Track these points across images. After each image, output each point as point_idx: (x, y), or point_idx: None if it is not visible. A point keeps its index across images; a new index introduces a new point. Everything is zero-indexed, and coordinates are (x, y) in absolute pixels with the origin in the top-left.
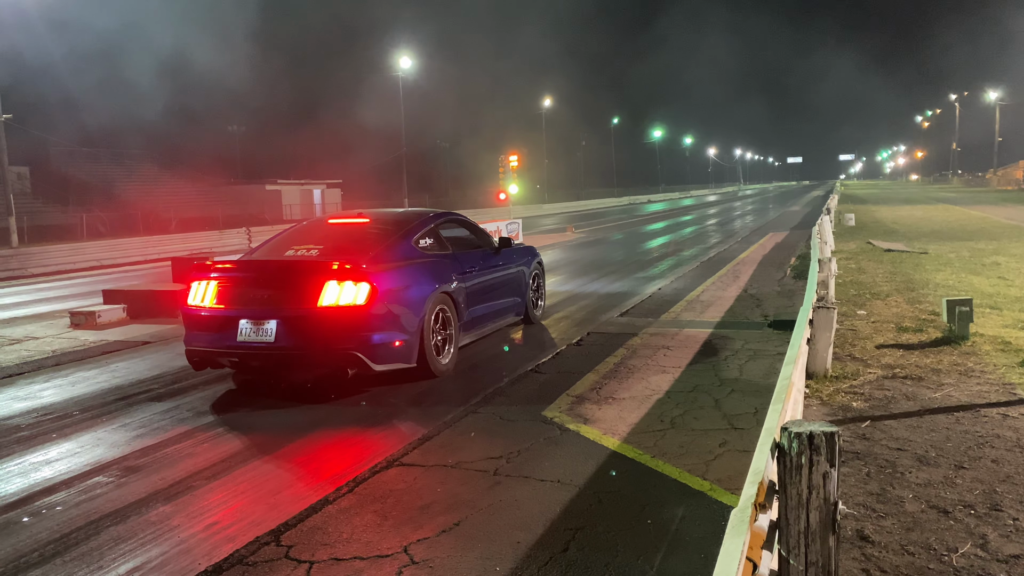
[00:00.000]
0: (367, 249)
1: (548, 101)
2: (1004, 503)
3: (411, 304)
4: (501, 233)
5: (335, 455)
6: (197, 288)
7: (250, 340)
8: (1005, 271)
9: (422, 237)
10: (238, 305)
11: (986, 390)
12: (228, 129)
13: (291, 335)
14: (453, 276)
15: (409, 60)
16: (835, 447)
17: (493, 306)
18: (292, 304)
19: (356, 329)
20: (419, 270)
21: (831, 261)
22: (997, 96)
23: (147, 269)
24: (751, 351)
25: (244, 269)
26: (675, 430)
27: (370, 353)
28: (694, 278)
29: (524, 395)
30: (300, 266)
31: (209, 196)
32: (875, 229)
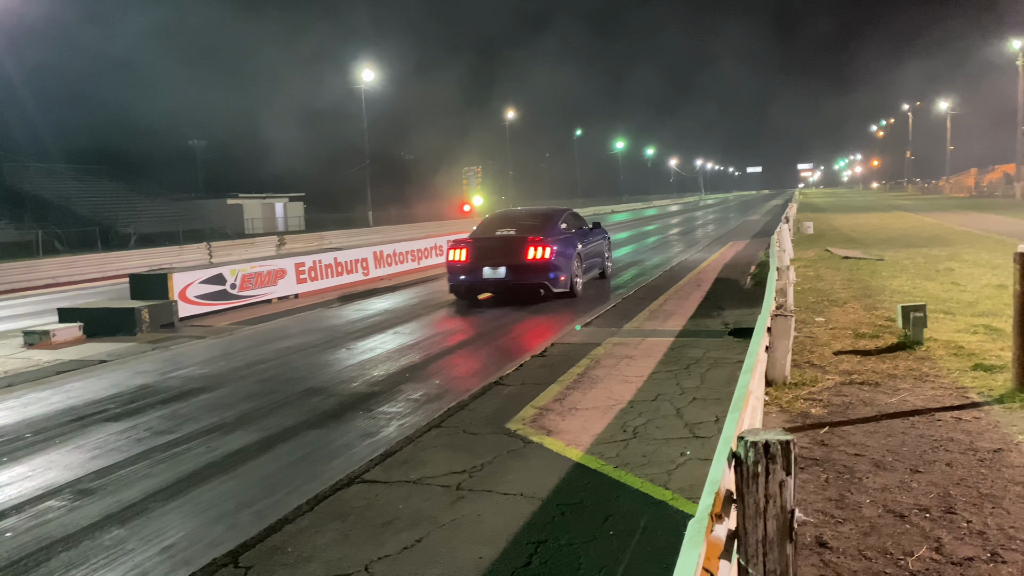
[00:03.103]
0: (541, 229)
1: (512, 113)
2: (958, 506)
3: (567, 259)
4: None
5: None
6: (453, 253)
7: (490, 277)
8: (958, 277)
9: (562, 222)
10: (480, 260)
11: (940, 394)
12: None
13: (513, 274)
14: (579, 244)
15: (371, 73)
16: (791, 455)
17: (592, 262)
18: (513, 258)
19: (544, 271)
20: (567, 240)
21: (789, 269)
22: (948, 106)
23: (105, 286)
24: (712, 359)
25: (482, 242)
26: (638, 440)
27: (551, 284)
28: (657, 287)
29: (488, 408)
30: (514, 239)
31: (169, 211)
32: (833, 237)
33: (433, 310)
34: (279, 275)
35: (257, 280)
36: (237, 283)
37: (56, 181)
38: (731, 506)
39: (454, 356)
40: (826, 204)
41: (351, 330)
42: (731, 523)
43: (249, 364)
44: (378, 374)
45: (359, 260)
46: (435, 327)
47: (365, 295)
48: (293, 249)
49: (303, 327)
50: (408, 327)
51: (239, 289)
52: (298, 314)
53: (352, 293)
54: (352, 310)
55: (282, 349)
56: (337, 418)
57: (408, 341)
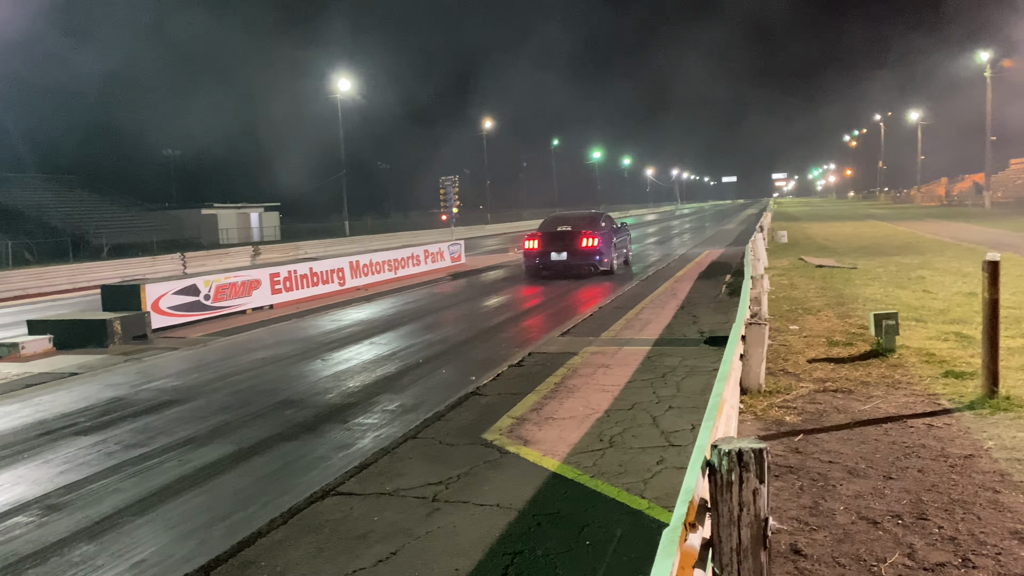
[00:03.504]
0: (589, 226)
1: (489, 123)
2: (930, 512)
3: (607, 247)
4: (443, 254)
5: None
6: (528, 243)
7: (555, 259)
8: (929, 284)
9: (602, 221)
10: (548, 247)
11: (912, 401)
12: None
13: (571, 257)
14: (613, 237)
15: (348, 83)
16: (764, 463)
17: (621, 251)
18: (571, 246)
19: (593, 255)
20: (606, 234)
21: (763, 278)
22: (919, 117)
23: (77, 298)
24: (688, 367)
25: (548, 235)
26: (614, 449)
27: (597, 264)
28: (633, 296)
29: (465, 418)
30: (571, 233)
31: (143, 221)
32: (807, 245)
33: (410, 320)
34: (254, 286)
35: (231, 291)
36: (211, 294)
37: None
38: (705, 515)
39: (432, 366)
40: (800, 213)
41: (326, 341)
42: (706, 532)
43: (223, 376)
44: (353, 385)
45: (335, 270)
46: (412, 338)
47: (341, 306)
48: (268, 259)
49: (278, 338)
50: (384, 338)
51: (213, 300)
52: (273, 325)
53: (328, 304)
54: (327, 321)
55: (256, 360)
56: (312, 430)
57: (384, 352)
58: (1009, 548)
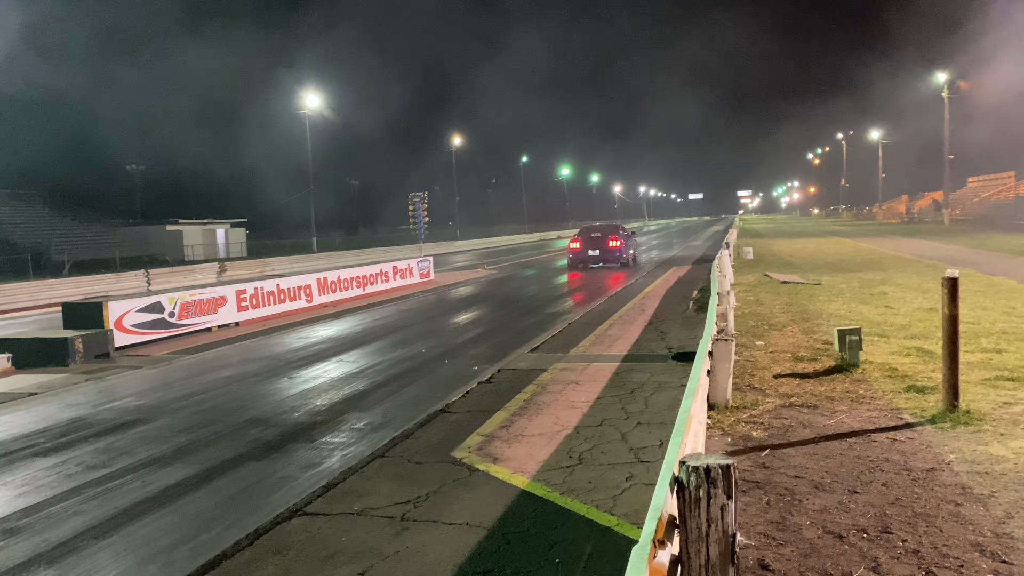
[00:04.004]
0: (612, 233)
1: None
2: (893, 525)
3: (626, 247)
4: (412, 271)
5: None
6: (572, 244)
7: (592, 255)
8: (891, 300)
9: (621, 229)
10: (586, 247)
11: (876, 416)
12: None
13: (603, 254)
14: (628, 240)
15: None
16: (731, 479)
17: (632, 251)
18: (602, 246)
19: (616, 252)
20: (624, 238)
21: (730, 294)
22: (879, 136)
23: (37, 316)
24: (656, 383)
25: (585, 239)
26: (583, 466)
27: (619, 259)
28: (602, 312)
29: (434, 436)
30: (601, 237)
31: (106, 237)
32: (772, 262)
33: (378, 338)
34: (219, 303)
35: (197, 308)
36: (176, 311)
37: None
38: (674, 531)
39: (400, 384)
40: (765, 230)
41: (293, 359)
42: (675, 548)
43: (187, 395)
44: (321, 403)
45: (302, 287)
46: (380, 355)
47: (309, 323)
48: (234, 276)
49: (244, 356)
50: (352, 355)
51: (178, 317)
52: (239, 343)
53: (295, 321)
54: (295, 338)
55: (222, 379)
56: (278, 449)
57: (352, 369)
58: (971, 560)
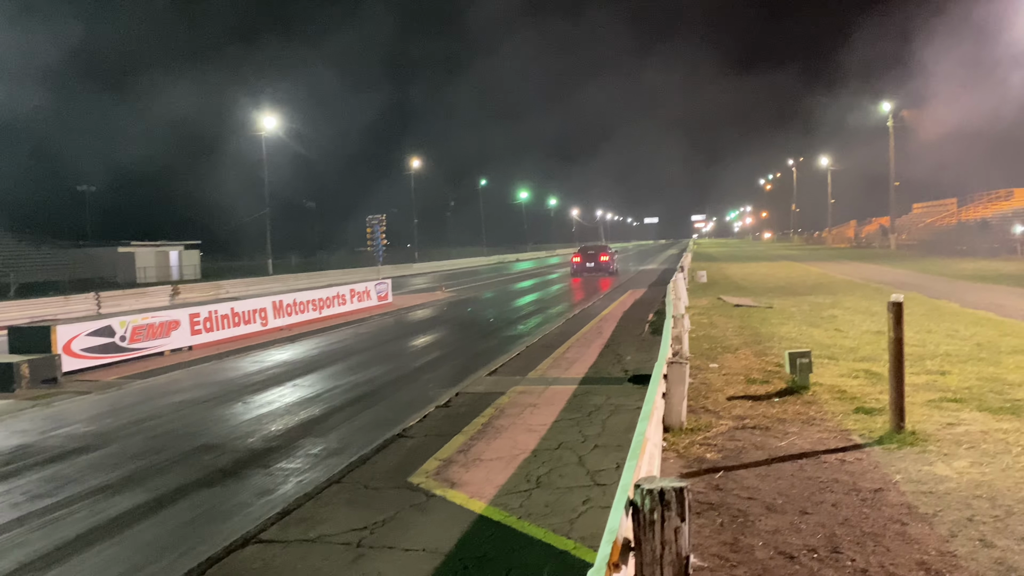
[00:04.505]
0: (603, 251)
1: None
2: (843, 545)
3: (612, 261)
4: (370, 293)
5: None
6: (575, 258)
7: (588, 266)
8: (840, 323)
9: (607, 247)
10: (584, 260)
11: (826, 437)
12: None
13: (596, 265)
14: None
15: (273, 120)
16: (685, 502)
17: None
18: (596, 260)
19: (607, 265)
20: (611, 254)
21: (684, 317)
22: (828, 163)
23: None
24: (613, 406)
25: (584, 254)
26: (541, 489)
27: (609, 270)
28: (560, 335)
29: (391, 461)
30: (596, 253)
31: (55, 259)
32: (725, 285)
33: (335, 361)
34: (172, 326)
35: (149, 332)
36: (127, 335)
37: None
38: (629, 554)
39: (356, 408)
40: (719, 254)
41: (248, 383)
42: (630, 571)
43: (138, 420)
44: (276, 429)
45: (257, 310)
46: (337, 379)
47: (264, 346)
48: (188, 299)
49: (197, 380)
50: (308, 379)
51: (129, 341)
52: (192, 367)
53: (250, 344)
54: (249, 362)
55: (174, 404)
56: (232, 475)
57: (308, 394)
58: None
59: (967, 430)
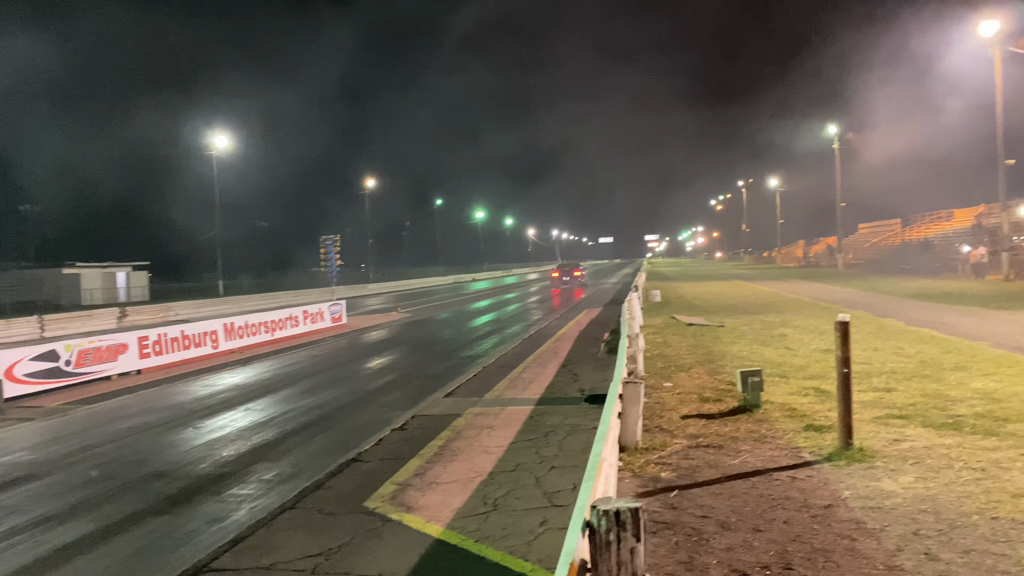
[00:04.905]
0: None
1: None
2: (795, 561)
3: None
4: (324, 315)
5: None
6: (554, 273)
7: (565, 279)
8: (791, 342)
9: (579, 264)
10: (562, 274)
11: (777, 455)
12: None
13: (571, 279)
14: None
15: (225, 139)
16: (640, 522)
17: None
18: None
19: (580, 278)
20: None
21: (639, 337)
22: (777, 184)
23: None
24: (570, 426)
25: (561, 269)
26: (498, 512)
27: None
28: (517, 355)
29: (346, 486)
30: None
31: None
32: (679, 304)
33: (288, 384)
34: (120, 350)
35: (95, 356)
36: (72, 359)
37: None
38: (586, 575)
39: (311, 432)
40: (672, 273)
41: (199, 408)
42: None
43: (84, 447)
44: (228, 454)
45: (208, 333)
46: (290, 402)
47: (215, 370)
48: (136, 322)
49: (146, 405)
50: (261, 403)
51: (75, 366)
52: (140, 391)
53: (201, 368)
54: (200, 386)
55: (122, 430)
56: (182, 503)
57: (261, 418)
58: None
59: (912, 446)
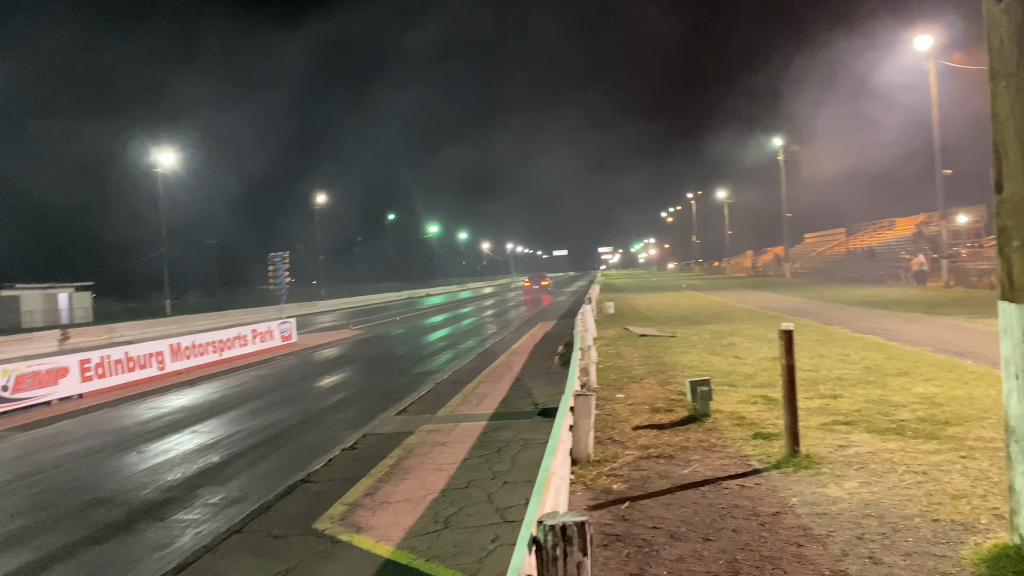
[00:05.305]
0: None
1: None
2: (743, 570)
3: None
4: (273, 333)
5: None
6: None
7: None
8: (739, 351)
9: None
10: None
11: (726, 463)
12: None
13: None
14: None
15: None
16: (587, 536)
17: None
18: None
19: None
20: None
21: (591, 348)
22: (725, 195)
23: None
24: (523, 441)
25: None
26: (449, 530)
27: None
28: (471, 370)
29: (294, 508)
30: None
31: None
32: (631, 315)
33: (236, 405)
34: (60, 374)
35: (34, 380)
36: (10, 384)
37: None
38: None
39: (259, 454)
40: (625, 285)
41: (143, 431)
42: None
43: (21, 475)
44: (172, 478)
45: (153, 354)
46: (238, 424)
47: (161, 392)
48: (79, 344)
49: (87, 430)
50: (208, 425)
51: (12, 391)
52: (82, 416)
53: (146, 390)
54: (145, 408)
55: (62, 456)
56: (125, 530)
57: (207, 440)
58: None
59: (857, 451)
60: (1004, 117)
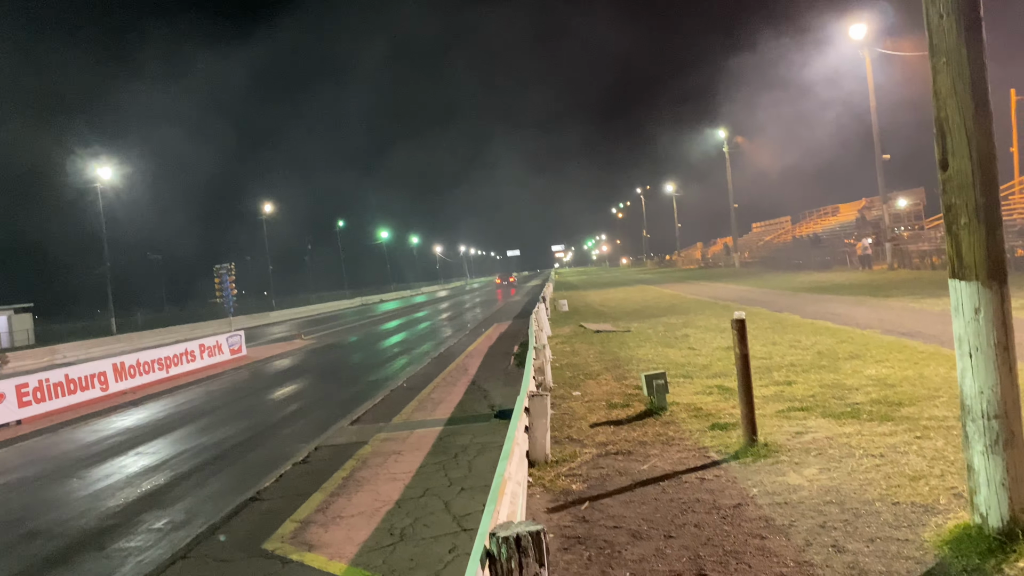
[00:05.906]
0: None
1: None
2: (707, 566)
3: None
4: (222, 347)
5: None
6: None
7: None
8: (694, 342)
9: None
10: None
11: (685, 456)
12: None
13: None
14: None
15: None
16: (542, 546)
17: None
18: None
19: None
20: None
21: (546, 347)
22: (673, 189)
23: None
24: (480, 445)
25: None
26: (405, 542)
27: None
28: (426, 375)
29: (243, 529)
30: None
31: None
32: (586, 312)
33: (183, 424)
34: None
35: None
36: None
37: None
38: None
39: (206, 473)
40: (579, 282)
41: (84, 456)
42: None
43: None
44: (114, 504)
45: (95, 375)
46: (184, 443)
47: (104, 413)
48: (19, 367)
49: (24, 458)
50: (153, 446)
51: None
52: (19, 443)
53: (89, 412)
54: (87, 432)
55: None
56: (60, 564)
57: (152, 462)
58: None
59: (814, 437)
60: (946, 94)
